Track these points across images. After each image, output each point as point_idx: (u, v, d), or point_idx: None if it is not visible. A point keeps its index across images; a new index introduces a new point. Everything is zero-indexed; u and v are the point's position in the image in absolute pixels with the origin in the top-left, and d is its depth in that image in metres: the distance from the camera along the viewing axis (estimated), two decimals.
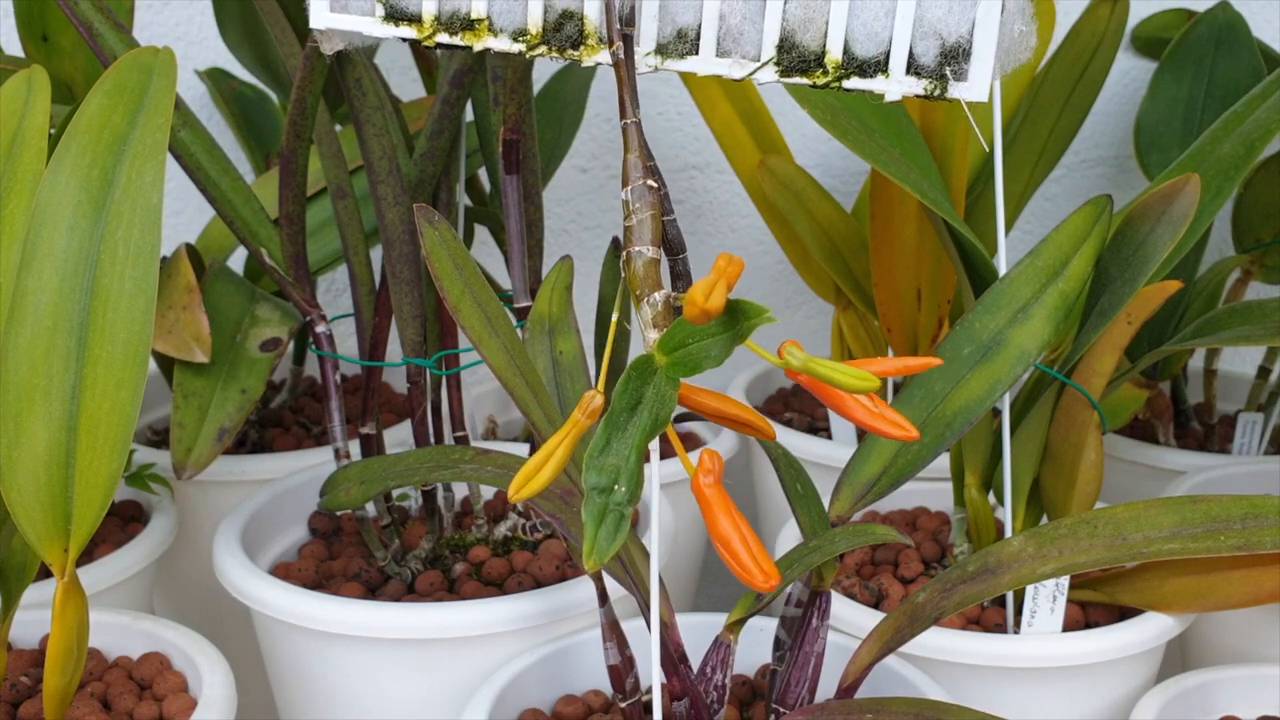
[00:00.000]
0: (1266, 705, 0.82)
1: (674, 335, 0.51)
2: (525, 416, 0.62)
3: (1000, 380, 0.75)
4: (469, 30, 0.64)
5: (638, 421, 0.50)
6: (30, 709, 0.75)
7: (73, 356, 0.63)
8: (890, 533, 0.69)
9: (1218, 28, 1.13)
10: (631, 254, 0.55)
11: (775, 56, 0.60)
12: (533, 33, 0.63)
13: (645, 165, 0.56)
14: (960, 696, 0.78)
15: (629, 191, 0.56)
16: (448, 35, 0.64)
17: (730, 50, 0.61)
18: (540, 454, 0.52)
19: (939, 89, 0.59)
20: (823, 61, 0.59)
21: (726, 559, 0.49)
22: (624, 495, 0.49)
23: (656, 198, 0.56)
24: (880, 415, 0.51)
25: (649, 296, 0.53)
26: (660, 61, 0.62)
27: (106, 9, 0.80)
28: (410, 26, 0.65)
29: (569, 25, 0.61)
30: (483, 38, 0.64)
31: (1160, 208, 0.79)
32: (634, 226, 0.55)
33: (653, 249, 0.54)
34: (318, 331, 0.90)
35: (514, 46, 0.64)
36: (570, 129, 1.17)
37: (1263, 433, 1.15)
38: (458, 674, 0.80)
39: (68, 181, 0.64)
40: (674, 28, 0.62)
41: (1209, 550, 0.71)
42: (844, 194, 1.29)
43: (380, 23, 0.65)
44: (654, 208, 0.56)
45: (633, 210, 0.56)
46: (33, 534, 0.63)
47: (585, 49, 0.62)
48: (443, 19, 0.64)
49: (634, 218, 0.55)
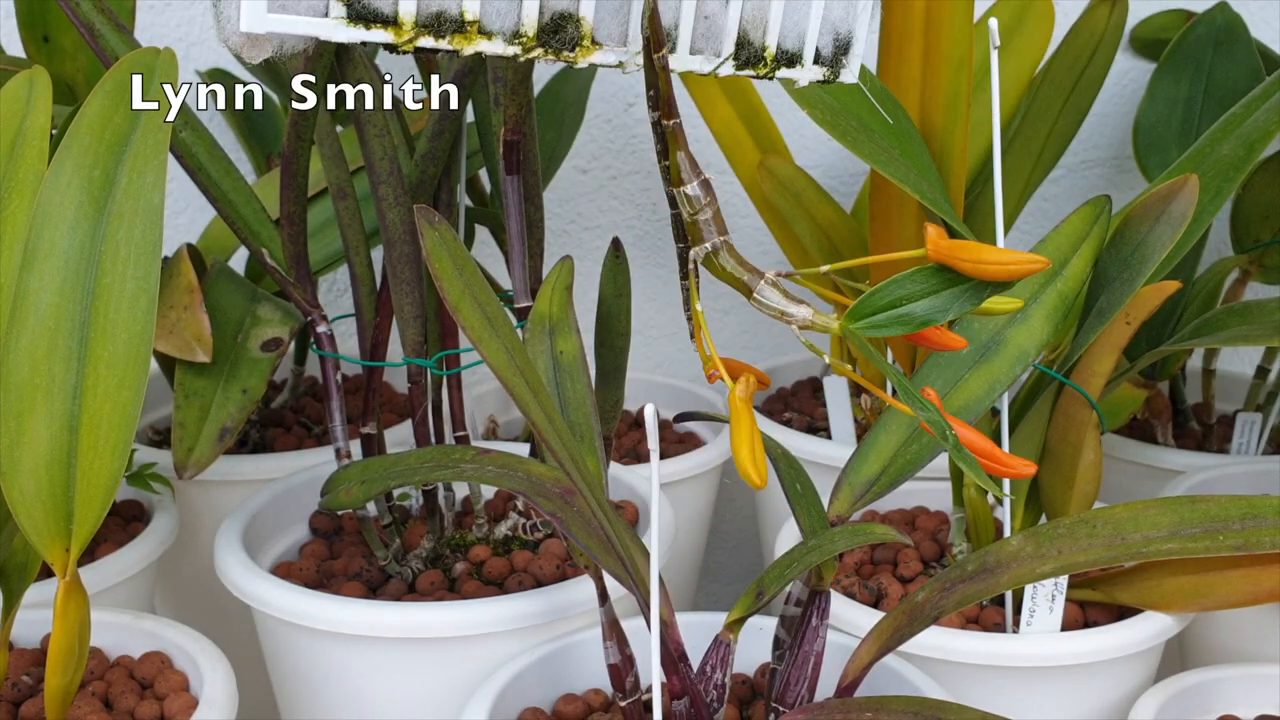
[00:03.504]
0: (1265, 704, 0.82)
1: (875, 300, 0.55)
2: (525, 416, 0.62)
3: (999, 380, 0.75)
4: (459, 33, 0.58)
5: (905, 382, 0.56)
6: (32, 708, 0.76)
7: (74, 356, 0.63)
8: (889, 532, 0.69)
9: (1216, 29, 1.13)
10: (716, 246, 0.57)
11: (734, 53, 0.63)
12: (528, 34, 0.60)
13: (694, 161, 0.59)
14: (959, 695, 0.78)
15: (692, 188, 0.58)
16: (432, 39, 0.58)
17: (703, 48, 0.63)
18: (742, 443, 0.54)
19: (833, 75, 0.66)
20: (763, 56, 0.64)
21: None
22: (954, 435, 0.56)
23: (714, 191, 0.59)
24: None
25: (763, 280, 0.56)
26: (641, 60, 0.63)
27: (108, 10, 0.80)
28: (385, 29, 0.57)
29: (568, 27, 0.61)
30: (474, 41, 0.59)
31: (1159, 208, 0.80)
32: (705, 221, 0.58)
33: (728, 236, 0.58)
34: (319, 331, 0.90)
35: (509, 49, 0.60)
36: (571, 130, 1.17)
37: (1261, 432, 1.15)
38: (458, 673, 0.80)
39: (69, 182, 0.64)
40: None
41: (1207, 550, 0.71)
42: (844, 194, 1.29)
43: (345, 25, 0.56)
44: (715, 200, 0.58)
45: (702, 206, 0.58)
46: (34, 533, 0.63)
47: (580, 50, 0.62)
48: (424, 20, 0.57)
49: (704, 213, 0.58)
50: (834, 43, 0.65)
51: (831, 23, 0.64)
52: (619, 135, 1.30)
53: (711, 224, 0.58)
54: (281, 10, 0.55)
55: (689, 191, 0.58)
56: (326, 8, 0.56)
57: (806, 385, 1.26)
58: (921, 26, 0.89)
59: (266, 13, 0.55)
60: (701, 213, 0.58)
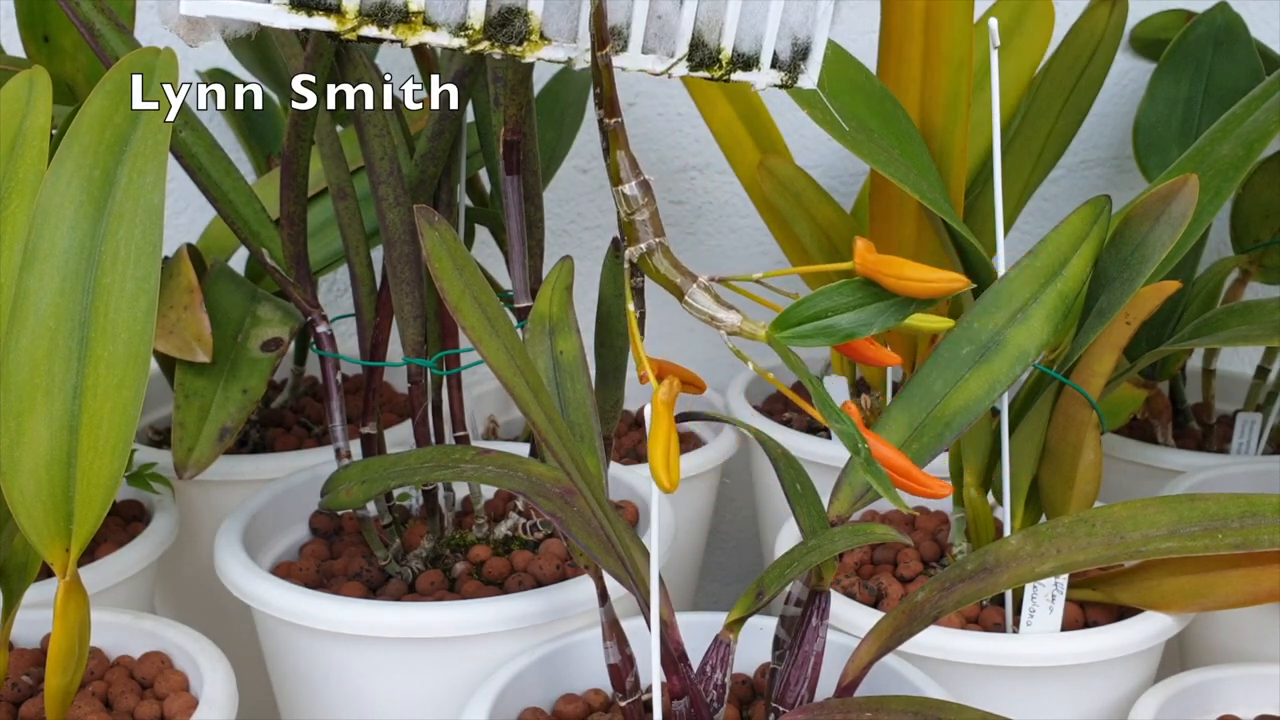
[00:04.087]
0: (1265, 704, 0.82)
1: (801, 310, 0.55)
2: (526, 416, 0.62)
3: (999, 380, 0.75)
4: (403, 23, 0.58)
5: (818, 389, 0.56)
6: (32, 708, 0.76)
7: (74, 356, 0.63)
8: (889, 532, 0.69)
9: (1216, 29, 1.14)
10: (651, 247, 0.56)
11: (687, 54, 0.63)
12: (475, 27, 0.60)
13: (634, 161, 0.58)
14: (959, 695, 0.78)
15: (629, 188, 0.57)
16: (375, 28, 0.58)
17: (655, 48, 0.63)
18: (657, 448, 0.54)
19: (791, 79, 0.66)
20: (718, 58, 0.64)
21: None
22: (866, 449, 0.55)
23: (652, 192, 0.58)
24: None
25: (697, 282, 0.55)
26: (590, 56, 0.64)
27: (108, 10, 0.80)
28: (327, 17, 0.57)
29: (516, 20, 0.61)
30: (418, 31, 0.59)
31: (1159, 208, 0.80)
32: (642, 222, 0.57)
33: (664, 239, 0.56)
34: (319, 331, 0.90)
35: (454, 41, 0.59)
36: (571, 130, 1.17)
37: (1261, 432, 1.15)
38: (458, 673, 0.80)
39: (69, 182, 0.64)
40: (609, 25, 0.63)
41: (1207, 549, 0.71)
42: (844, 194, 1.29)
43: (286, 12, 0.56)
44: (653, 201, 0.58)
45: (639, 206, 0.57)
46: (34, 533, 0.63)
47: (529, 45, 0.61)
48: (368, 9, 0.58)
49: (641, 213, 0.57)
50: (792, 47, 0.65)
51: (790, 27, 0.64)
52: None
53: (648, 224, 0.58)
54: None
55: (626, 191, 0.58)
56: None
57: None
58: (921, 26, 0.89)
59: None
60: (638, 213, 0.57)
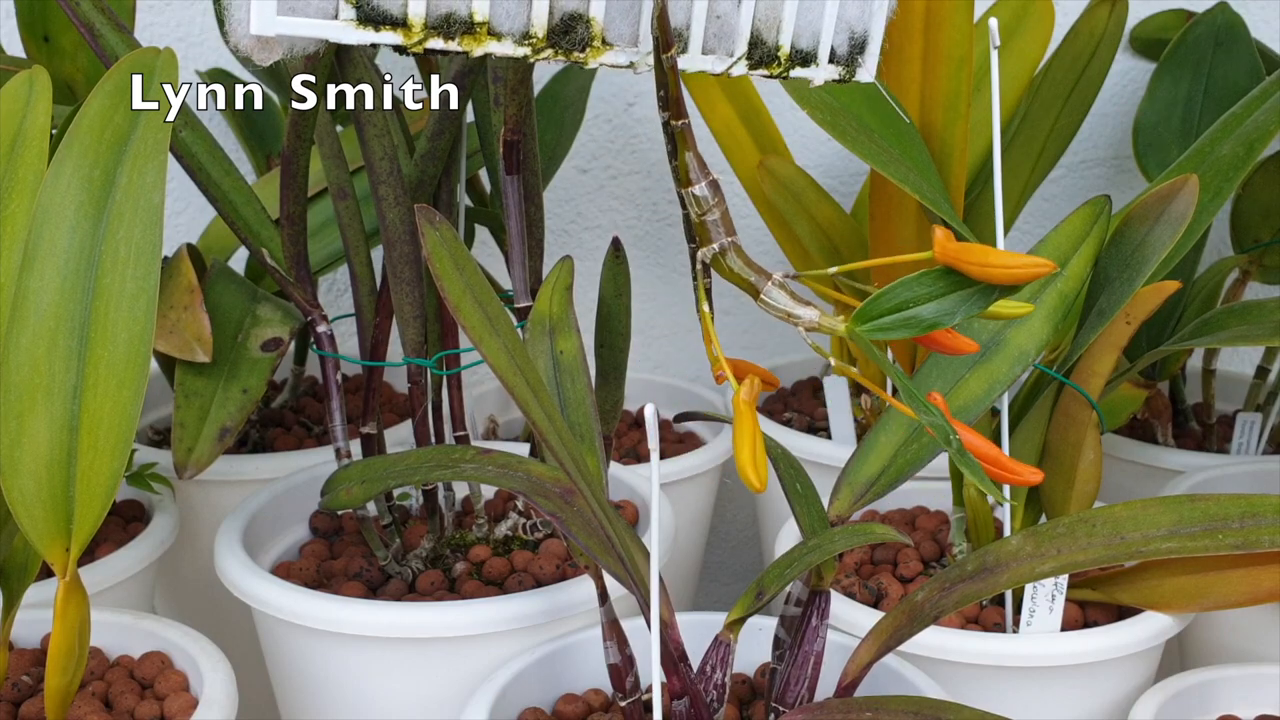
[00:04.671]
0: (1265, 704, 0.82)
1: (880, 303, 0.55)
2: (526, 416, 0.62)
3: (999, 380, 0.75)
4: (468, 34, 0.58)
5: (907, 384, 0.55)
6: (32, 708, 0.76)
7: (74, 356, 0.63)
8: (889, 532, 0.69)
9: (1216, 29, 1.14)
10: (724, 247, 0.57)
11: (746, 52, 0.63)
12: (538, 35, 0.60)
13: (702, 162, 0.59)
14: (959, 695, 0.78)
15: (700, 188, 0.58)
16: (442, 40, 0.58)
17: (714, 48, 0.63)
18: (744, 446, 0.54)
19: (849, 74, 0.66)
20: (777, 55, 0.64)
21: None
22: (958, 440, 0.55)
23: (722, 192, 0.59)
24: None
25: (770, 281, 0.56)
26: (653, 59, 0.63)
27: (108, 10, 0.80)
28: (394, 31, 0.57)
29: (579, 27, 0.61)
30: (483, 42, 0.59)
31: (1159, 208, 0.80)
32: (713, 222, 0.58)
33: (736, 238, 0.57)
34: (319, 331, 0.90)
35: (518, 51, 0.59)
36: (571, 130, 1.17)
37: (1261, 432, 1.15)
38: (458, 673, 0.80)
39: (69, 182, 0.64)
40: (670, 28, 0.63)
41: (1207, 549, 0.71)
42: (844, 194, 1.29)
43: (354, 27, 0.56)
44: (723, 201, 0.58)
45: (710, 206, 0.58)
46: (34, 533, 0.63)
47: (591, 51, 0.61)
48: (433, 22, 0.58)
49: (712, 213, 0.58)
50: (849, 41, 0.65)
51: (846, 21, 0.64)
52: (619, 135, 1.30)
53: (719, 224, 0.58)
54: (291, 13, 0.55)
55: (696, 192, 0.58)
56: (336, 9, 0.56)
57: (806, 385, 1.26)
58: (921, 26, 0.89)
59: (276, 15, 0.55)
60: (709, 213, 0.58)
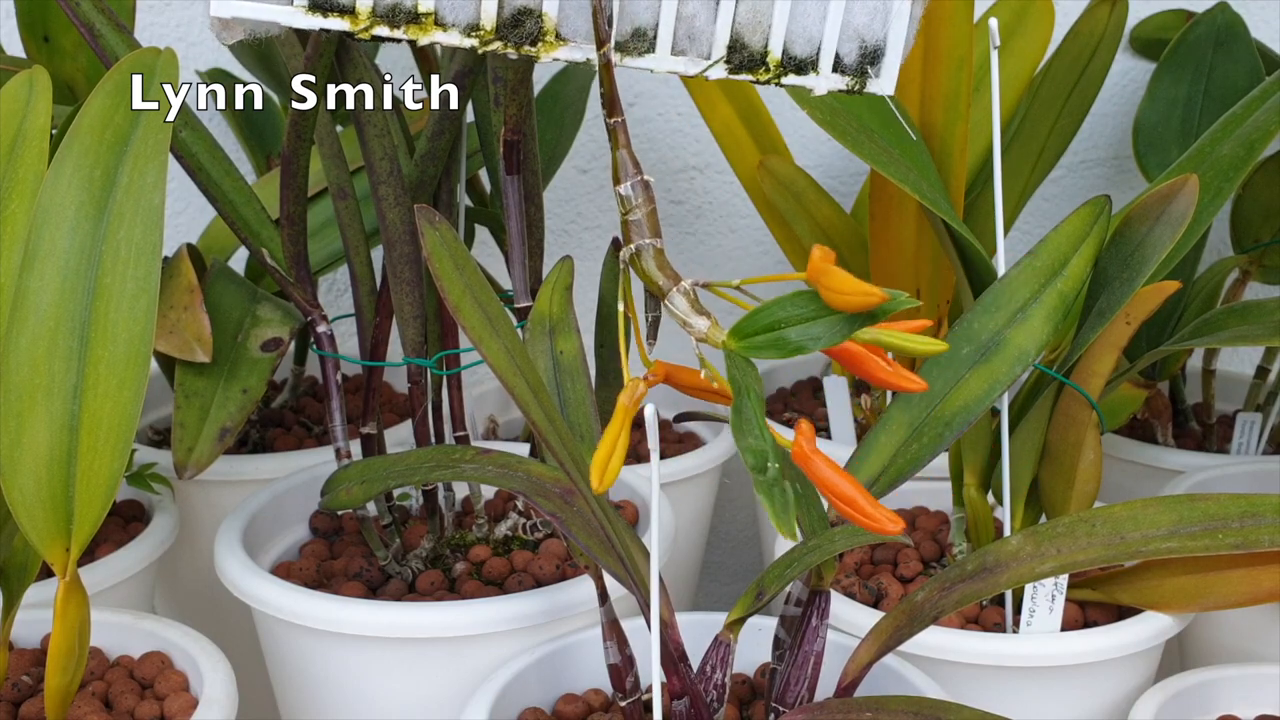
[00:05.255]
0: (1265, 704, 0.82)
1: (757, 320, 0.53)
2: (526, 416, 0.62)
3: (999, 380, 0.75)
4: (414, 24, 0.60)
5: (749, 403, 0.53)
6: (32, 708, 0.76)
7: (74, 356, 0.63)
8: None
9: (1216, 29, 1.13)
10: (640, 248, 0.56)
11: (725, 56, 0.62)
12: (486, 28, 0.61)
13: (635, 160, 0.58)
14: (959, 695, 0.78)
15: (626, 187, 0.57)
16: (387, 28, 0.60)
17: (685, 49, 0.62)
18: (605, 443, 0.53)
19: (859, 85, 0.64)
20: (765, 61, 0.62)
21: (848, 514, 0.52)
22: (776, 470, 0.51)
23: (651, 192, 0.57)
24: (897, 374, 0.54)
25: (677, 286, 0.55)
26: (619, 58, 0.63)
27: (108, 10, 0.80)
28: (342, 18, 0.60)
29: (528, 21, 0.61)
30: (429, 31, 0.60)
31: (1159, 208, 0.80)
32: (636, 222, 0.56)
33: (658, 240, 0.56)
34: (319, 331, 0.90)
35: (466, 42, 0.61)
36: (571, 130, 1.17)
37: (1261, 432, 1.15)
38: (458, 673, 0.80)
39: (70, 182, 0.64)
40: (632, 26, 0.63)
41: (1207, 549, 0.71)
42: (844, 194, 1.29)
43: (304, 13, 0.60)
44: (651, 202, 0.57)
45: (634, 205, 0.57)
46: (34, 533, 0.63)
47: (544, 45, 0.62)
48: (381, 10, 0.60)
49: (635, 212, 0.57)
50: (859, 51, 0.63)
51: (855, 29, 0.63)
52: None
53: (642, 225, 0.57)
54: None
55: (621, 191, 0.58)
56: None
57: (806, 385, 1.26)
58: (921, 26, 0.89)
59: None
60: (632, 213, 0.57)
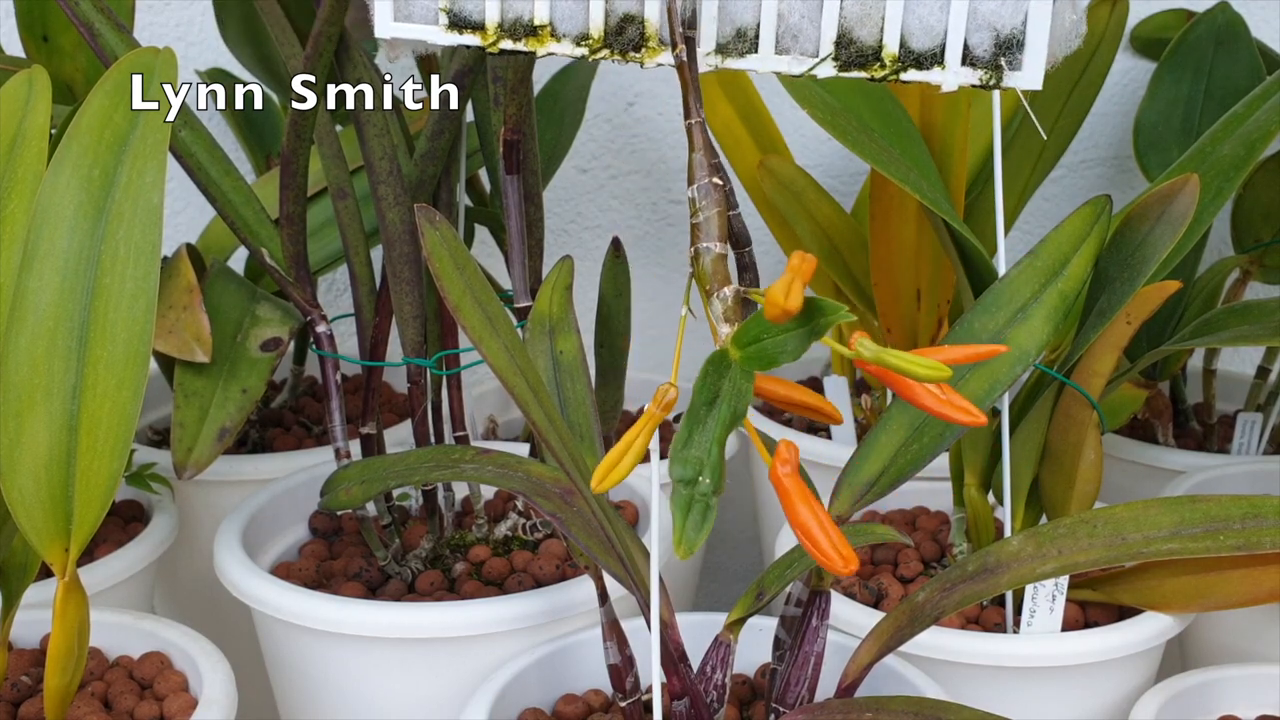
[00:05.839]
0: (1266, 705, 0.82)
1: (748, 331, 0.52)
2: (526, 416, 0.62)
3: (999, 380, 0.75)
4: (532, 36, 0.65)
5: (716, 415, 0.51)
6: (31, 708, 0.76)
7: (74, 356, 0.63)
8: (890, 532, 0.69)
9: (1217, 28, 1.13)
10: (700, 250, 0.56)
11: (834, 52, 0.62)
12: (595, 37, 0.64)
13: (710, 163, 0.58)
14: (959, 696, 0.78)
15: (695, 189, 0.57)
16: (511, 41, 0.65)
17: (789, 47, 0.62)
18: (620, 445, 0.52)
19: (995, 79, 0.62)
20: (880, 55, 0.62)
21: (806, 546, 0.51)
22: (708, 486, 0.50)
23: (722, 194, 0.58)
24: (949, 402, 0.52)
25: (719, 291, 0.55)
26: (720, 60, 0.64)
27: (107, 9, 0.80)
28: (474, 34, 0.66)
29: (631, 29, 0.62)
30: (545, 43, 0.65)
31: (1159, 208, 0.79)
32: (701, 223, 0.57)
33: (720, 245, 0.56)
34: (318, 331, 0.90)
35: (577, 51, 0.65)
36: (570, 129, 1.17)
37: (1262, 432, 1.15)
38: (458, 674, 0.80)
39: (69, 182, 0.64)
40: (733, 27, 0.64)
41: (1208, 550, 0.71)
42: (844, 194, 1.29)
43: (445, 31, 0.66)
44: (720, 204, 0.57)
45: (699, 207, 0.57)
46: (33, 534, 0.63)
47: (647, 51, 0.63)
48: (505, 25, 0.65)
49: (701, 215, 0.57)
50: (994, 41, 0.61)
51: (985, 18, 0.60)
52: (619, 135, 1.30)
53: (706, 227, 0.58)
54: (406, 19, 0.67)
55: (689, 193, 0.58)
56: (436, 17, 0.66)
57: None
58: None
59: (392, 21, 0.67)
60: (697, 215, 0.58)
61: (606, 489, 0.52)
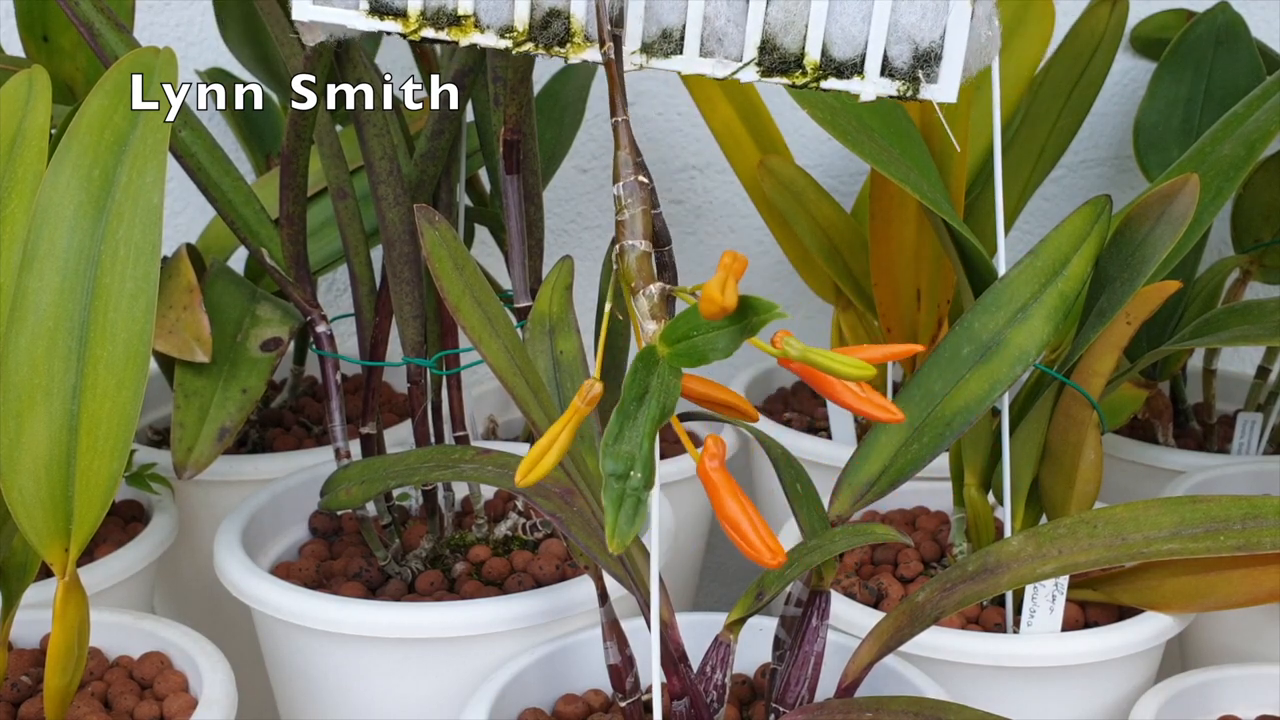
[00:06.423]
0: (1266, 705, 0.82)
1: (677, 327, 0.52)
2: (525, 416, 0.62)
3: (999, 380, 0.75)
4: (455, 25, 0.64)
5: (646, 411, 0.51)
6: (31, 708, 0.76)
7: (74, 356, 0.63)
8: (890, 532, 0.69)
9: (1217, 28, 1.13)
10: (624, 247, 0.56)
11: (757, 58, 0.62)
12: (519, 29, 0.63)
13: (635, 161, 0.58)
14: (959, 696, 0.78)
15: (620, 187, 0.57)
16: (433, 30, 0.64)
17: (714, 50, 0.62)
18: (544, 440, 0.52)
19: (911, 90, 0.63)
20: (801, 63, 0.62)
21: (735, 539, 0.51)
22: (640, 480, 0.50)
23: (646, 193, 0.58)
24: (869, 400, 0.53)
25: (644, 289, 0.55)
26: (645, 60, 0.63)
27: (107, 9, 0.80)
28: (395, 21, 0.65)
29: (556, 23, 0.62)
30: (469, 33, 0.64)
31: (1159, 208, 0.79)
32: (626, 221, 0.57)
33: (644, 242, 0.56)
34: (318, 331, 0.90)
35: (500, 43, 0.64)
36: (570, 129, 1.17)
37: (1262, 432, 1.15)
38: (458, 674, 0.80)
39: (69, 182, 0.64)
40: (659, 27, 0.63)
41: (1208, 550, 0.71)
42: (844, 194, 1.29)
43: (365, 16, 0.65)
44: (644, 203, 0.57)
45: (625, 205, 0.57)
46: (33, 534, 0.63)
47: (572, 46, 0.62)
48: (428, 14, 0.64)
49: (626, 212, 0.57)
50: (912, 53, 0.61)
51: (905, 30, 0.61)
52: None
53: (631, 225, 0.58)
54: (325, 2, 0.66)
55: (615, 190, 0.58)
56: (357, 2, 0.65)
57: (807, 385, 1.26)
58: None
59: (311, 4, 0.66)
60: (622, 212, 0.58)
61: (531, 483, 0.52)
